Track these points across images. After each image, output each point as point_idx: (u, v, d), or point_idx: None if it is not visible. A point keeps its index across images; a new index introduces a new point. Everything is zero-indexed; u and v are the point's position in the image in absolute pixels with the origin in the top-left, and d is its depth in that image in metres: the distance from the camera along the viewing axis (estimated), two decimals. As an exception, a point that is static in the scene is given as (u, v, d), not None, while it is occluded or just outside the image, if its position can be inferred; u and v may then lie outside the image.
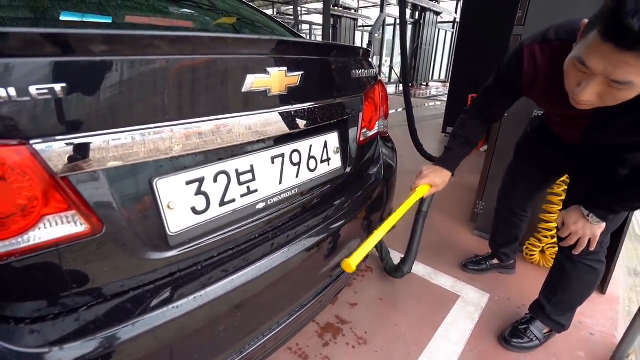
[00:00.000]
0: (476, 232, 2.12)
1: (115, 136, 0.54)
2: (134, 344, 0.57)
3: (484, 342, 1.34)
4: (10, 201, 0.47)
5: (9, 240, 0.48)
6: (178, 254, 0.66)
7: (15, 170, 0.47)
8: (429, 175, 1.18)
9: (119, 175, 0.57)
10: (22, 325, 0.51)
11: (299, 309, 0.92)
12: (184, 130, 0.61)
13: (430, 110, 7.10)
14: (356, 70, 1.06)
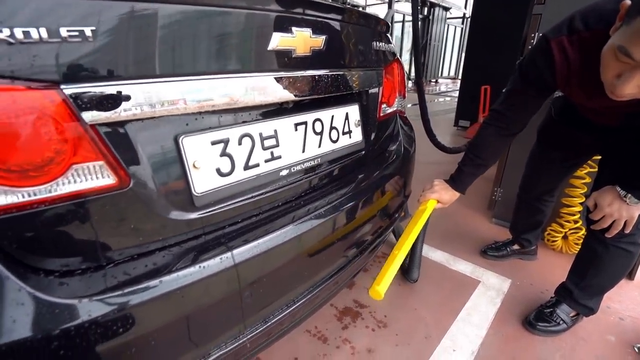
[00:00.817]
0: (494, 220, 2.07)
1: (144, 87, 0.52)
2: (156, 304, 0.55)
3: (507, 325, 1.30)
4: (39, 148, 0.46)
5: (39, 188, 0.47)
6: (203, 215, 0.64)
7: (45, 116, 0.46)
8: (439, 192, 1.15)
9: (146, 129, 0.56)
10: (51, 277, 0.50)
11: (317, 285, 0.89)
12: (211, 84, 0.59)
13: (440, 106, 7.02)
14: (377, 42, 1.03)
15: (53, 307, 0.47)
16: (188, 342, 0.63)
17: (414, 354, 1.17)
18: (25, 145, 0.45)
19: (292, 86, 0.73)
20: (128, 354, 0.55)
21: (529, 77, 0.99)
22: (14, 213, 0.46)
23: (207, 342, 0.67)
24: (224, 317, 0.68)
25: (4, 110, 0.43)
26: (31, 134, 0.45)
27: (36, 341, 0.45)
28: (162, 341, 0.59)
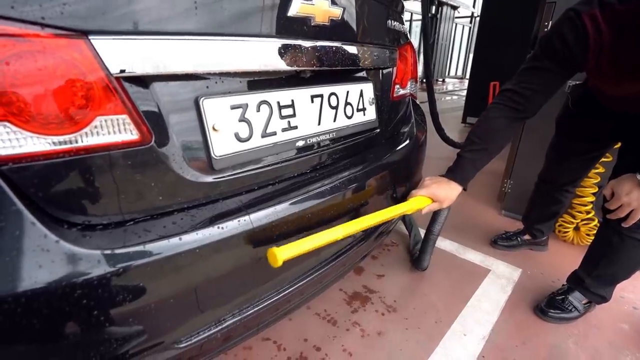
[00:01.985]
0: (504, 212, 2.05)
1: (170, 42, 0.53)
2: (173, 262, 0.56)
3: (518, 313, 1.29)
4: (66, 97, 0.46)
5: (64, 137, 0.47)
6: (221, 179, 0.65)
7: (72, 65, 0.46)
8: (430, 187, 0.98)
9: (168, 87, 0.56)
10: (74, 229, 0.50)
11: (325, 262, 0.89)
12: (233, 46, 0.60)
13: (448, 104, 6.98)
14: (392, 21, 1.03)
15: (76, 256, 0.48)
16: (202, 304, 0.64)
17: (425, 337, 1.17)
18: (53, 93, 0.45)
19: (310, 55, 0.73)
20: (144, 309, 0.55)
21: (554, 53, 0.90)
22: (40, 161, 0.46)
23: (221, 305, 0.67)
24: (238, 282, 0.69)
25: (33, 57, 0.43)
26: (58, 82, 0.46)
27: (59, 287, 0.46)
28: (177, 300, 0.59)
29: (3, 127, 0.43)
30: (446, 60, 11.97)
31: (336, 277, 1.10)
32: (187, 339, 0.64)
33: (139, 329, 0.56)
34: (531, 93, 0.96)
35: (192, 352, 0.69)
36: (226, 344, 0.81)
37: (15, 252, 0.44)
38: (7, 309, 0.43)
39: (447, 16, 10.90)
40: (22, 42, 0.43)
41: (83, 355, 0.52)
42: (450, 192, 1.00)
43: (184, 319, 0.62)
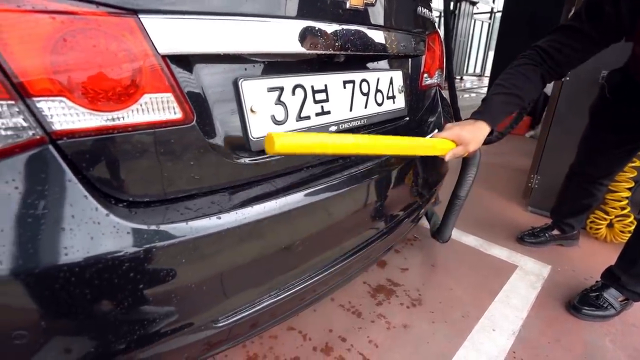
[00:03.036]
0: (530, 208, 1.99)
1: (214, 23, 0.54)
2: (210, 240, 0.57)
3: (550, 309, 1.25)
4: (117, 73, 0.48)
5: (113, 114, 0.48)
6: (257, 161, 0.65)
7: (123, 43, 0.47)
8: (453, 128, 0.87)
9: (210, 68, 0.57)
10: (120, 205, 0.52)
11: (350, 252, 0.88)
12: (270, 27, 0.60)
13: (466, 102, 6.84)
14: (422, 8, 1.02)
15: (124, 230, 0.49)
16: (238, 284, 0.64)
17: (452, 331, 1.15)
18: (105, 70, 0.47)
19: (344, 39, 0.73)
20: (185, 284, 0.56)
21: (600, 15, 0.84)
22: (91, 137, 0.48)
23: (254, 287, 0.68)
24: (270, 264, 0.69)
25: (88, 34, 0.45)
26: (110, 59, 0.47)
27: (109, 259, 0.47)
28: (216, 278, 0.60)
29: (59, 103, 0.45)
30: (464, 58, 11.73)
31: (360, 269, 1.09)
32: (224, 319, 0.64)
33: (179, 305, 0.57)
34: (561, 56, 0.90)
35: (221, 336, 0.70)
36: (253, 331, 0.81)
37: (69, 223, 0.45)
38: (62, 277, 0.45)
39: (466, 12, 10.68)
40: (78, 19, 0.44)
41: (127, 329, 0.53)
42: (477, 132, 0.88)
43: (221, 297, 0.63)
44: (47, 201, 0.45)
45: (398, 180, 0.96)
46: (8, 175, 0.43)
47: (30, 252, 0.43)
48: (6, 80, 0.41)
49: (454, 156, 0.89)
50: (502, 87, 0.93)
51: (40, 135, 0.44)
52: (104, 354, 0.53)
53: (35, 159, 0.45)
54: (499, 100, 0.92)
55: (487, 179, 2.40)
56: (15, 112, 0.43)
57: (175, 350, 0.64)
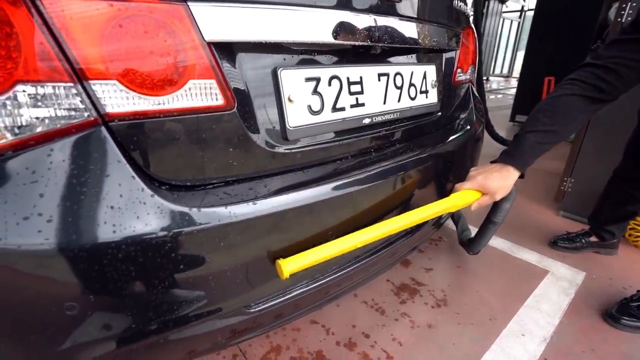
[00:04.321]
0: (562, 212, 1.91)
1: (257, 11, 0.54)
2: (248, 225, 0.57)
3: (584, 317, 1.19)
4: (166, 59, 0.49)
5: (161, 99, 0.50)
6: (293, 150, 0.66)
7: (172, 29, 0.49)
8: (476, 178, 0.82)
9: (250, 57, 0.58)
10: (164, 187, 0.53)
11: (376, 248, 0.87)
12: (309, 16, 0.60)
13: (493, 102, 6.64)
14: (458, 1, 1.00)
15: (168, 211, 0.51)
16: (271, 270, 0.65)
17: (479, 334, 1.11)
18: (155, 55, 0.48)
19: (381, 31, 0.72)
20: (222, 267, 0.57)
21: None
22: (140, 120, 0.49)
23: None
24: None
25: (141, 21, 0.46)
26: (160, 45, 0.48)
27: (153, 238, 0.49)
28: (250, 263, 0.61)
29: (112, 86, 0.47)
30: (491, 58, 11.39)
31: (385, 266, 1.08)
32: (256, 305, 0.65)
33: (215, 288, 0.58)
34: (624, 70, 0.77)
35: (247, 324, 0.71)
36: (276, 322, 0.82)
37: (117, 201, 0.47)
38: (110, 254, 0.47)
39: (494, 11, 10.36)
40: (132, 6, 0.46)
41: (164, 308, 0.55)
42: (504, 180, 0.82)
43: (254, 283, 0.64)
44: (99, 180, 0.47)
45: (426, 179, 0.94)
46: (64, 154, 0.45)
47: (82, 228, 0.45)
48: (67, 64, 0.43)
49: (480, 206, 0.85)
50: (540, 122, 0.83)
51: (94, 116, 0.47)
52: (141, 331, 0.55)
53: (89, 139, 0.47)
54: (534, 140, 0.83)
55: (517, 181, 2.32)
56: (73, 94, 0.45)
57: (205, 334, 0.66)
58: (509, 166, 0.83)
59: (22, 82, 0.42)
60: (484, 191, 0.83)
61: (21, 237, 0.43)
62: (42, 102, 0.44)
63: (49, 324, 0.49)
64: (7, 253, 0.43)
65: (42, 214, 0.44)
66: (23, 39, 0.41)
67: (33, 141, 0.44)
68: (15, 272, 0.44)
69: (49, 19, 0.41)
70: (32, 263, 0.44)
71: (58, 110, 0.45)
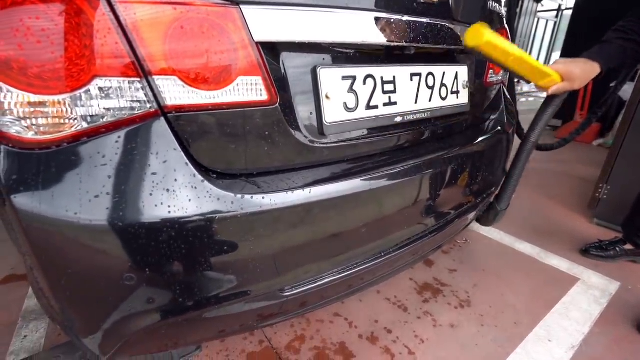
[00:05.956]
0: (596, 220, 1.84)
1: (300, 13, 0.58)
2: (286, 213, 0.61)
3: (617, 327, 1.15)
4: (219, 57, 0.54)
5: (213, 93, 0.55)
6: (328, 145, 0.69)
7: (226, 30, 0.53)
8: (565, 63, 0.87)
9: (292, 55, 0.62)
10: (211, 175, 0.58)
11: (402, 244, 0.88)
12: (348, 18, 0.64)
13: (524, 105, 6.41)
14: (492, 2, 1.00)
15: (216, 196, 0.55)
16: (304, 257, 0.69)
17: (503, 336, 1.11)
18: (211, 54, 0.53)
19: (416, 32, 0.74)
20: (263, 251, 0.61)
21: None
22: (193, 112, 0.54)
23: (317, 262, 0.72)
24: (327, 244, 0.72)
25: (199, 22, 0.51)
26: (215, 44, 0.53)
27: (203, 219, 0.54)
28: (287, 249, 0.65)
29: (172, 81, 0.52)
30: (524, 60, 10.95)
31: (408, 264, 1.09)
32: (290, 289, 0.69)
33: (253, 270, 0.62)
34: None
35: (273, 309, 0.75)
36: (300, 310, 0.86)
37: (173, 185, 0.53)
38: (165, 232, 0.52)
39: (529, 10, 9.97)
40: (193, 9, 0.51)
41: (206, 286, 0.60)
42: (587, 72, 0.88)
43: (289, 268, 0.68)
44: (157, 165, 0.52)
45: (454, 177, 0.95)
46: (129, 141, 0.51)
47: (142, 207, 0.51)
48: (136, 61, 0.49)
49: (558, 91, 0.89)
50: (621, 32, 0.90)
51: (155, 108, 0.52)
52: (183, 306, 0.60)
53: (150, 128, 0.52)
54: (618, 44, 0.90)
55: (548, 186, 2.25)
56: (139, 87, 0.50)
57: (236, 315, 0.70)
58: (594, 62, 0.88)
59: (98, 76, 0.48)
60: (567, 77, 0.87)
61: (92, 214, 0.49)
62: (113, 94, 0.50)
63: (110, 292, 0.55)
64: (80, 227, 0.49)
65: (110, 193, 0.50)
66: (101, 38, 0.47)
67: (104, 129, 0.50)
68: (85, 244, 0.51)
69: (123, 21, 0.47)
70: (100, 237, 0.50)
71: (125, 102, 0.50)
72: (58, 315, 0.59)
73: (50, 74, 0.46)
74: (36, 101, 0.47)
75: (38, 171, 0.48)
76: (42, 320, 1.11)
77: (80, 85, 0.48)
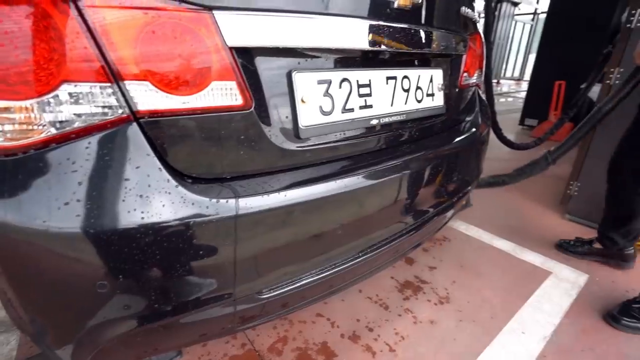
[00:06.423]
0: (568, 215, 1.92)
1: (274, 19, 0.59)
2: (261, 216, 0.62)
3: (585, 318, 1.21)
4: (193, 62, 0.54)
5: (186, 98, 0.55)
6: (304, 148, 0.70)
7: (199, 35, 0.53)
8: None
9: (267, 60, 0.63)
10: (186, 180, 0.58)
11: (380, 243, 0.90)
12: (323, 24, 0.65)
13: (503, 106, 6.60)
14: (465, 8, 1.03)
15: (190, 201, 0.55)
16: (279, 260, 0.69)
17: (480, 330, 1.15)
18: (183, 58, 0.53)
19: (390, 37, 0.76)
20: (239, 254, 0.62)
21: None
22: (167, 117, 0.54)
23: (293, 264, 0.72)
24: (307, 245, 0.73)
25: (171, 27, 0.51)
26: (188, 49, 0.53)
27: (178, 224, 0.54)
28: (262, 252, 0.66)
29: (144, 86, 0.51)
30: (502, 61, 11.29)
31: (388, 262, 1.11)
32: (269, 291, 0.70)
33: (229, 274, 0.63)
34: None
35: (255, 311, 0.75)
36: (282, 311, 0.87)
37: (146, 190, 0.52)
38: (138, 238, 0.52)
39: (506, 13, 10.27)
40: (164, 14, 0.51)
41: (182, 291, 0.60)
42: None
43: (261, 271, 0.68)
44: (130, 171, 0.52)
45: (430, 178, 0.97)
46: (101, 147, 0.50)
47: (114, 213, 0.50)
48: (106, 66, 0.48)
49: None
50: None
51: (127, 113, 0.52)
52: (160, 312, 0.60)
53: (122, 134, 0.52)
54: None
55: (524, 184, 2.32)
56: (110, 92, 0.50)
57: (217, 318, 0.70)
58: None
59: (67, 81, 0.47)
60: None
61: (62, 221, 0.48)
62: (83, 100, 0.49)
63: (82, 300, 0.54)
64: (49, 234, 0.48)
65: (80, 200, 0.49)
66: (69, 43, 0.46)
67: (74, 135, 0.49)
68: (55, 252, 0.50)
69: (92, 25, 0.46)
70: (70, 244, 0.49)
71: (96, 107, 0.50)
72: (28, 326, 0.58)
73: (16, 79, 0.46)
74: (2, 107, 0.46)
75: (3, 178, 0.47)
76: (12, 332, 1.07)
77: (48, 90, 0.47)
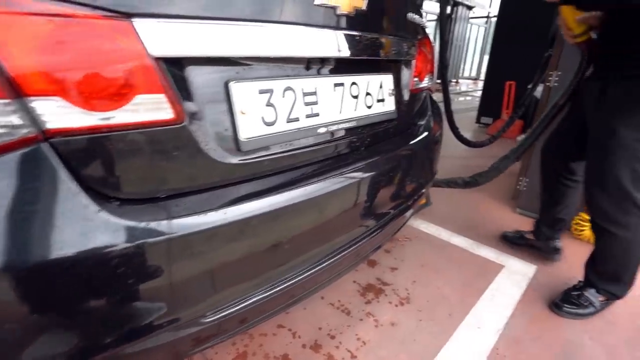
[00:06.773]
0: (518, 209, 2.04)
1: (205, 27, 0.55)
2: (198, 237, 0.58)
3: (534, 308, 1.28)
4: (110, 75, 0.49)
5: (106, 114, 0.50)
6: (246, 161, 0.67)
7: (117, 45, 0.49)
8: None
9: (201, 71, 0.59)
10: (111, 202, 0.53)
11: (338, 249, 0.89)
12: (261, 31, 0.62)
13: (461, 104, 6.92)
14: (411, 14, 1.04)
15: (115, 227, 0.51)
16: (224, 280, 0.66)
17: (438, 328, 1.17)
18: (99, 71, 0.48)
19: (334, 44, 0.75)
20: (174, 280, 0.58)
21: None
22: (84, 135, 0.49)
23: (241, 284, 0.69)
24: (257, 262, 0.71)
25: (84, 37, 0.47)
26: (104, 61, 0.49)
27: (99, 254, 0.49)
28: (203, 275, 0.62)
29: (54, 102, 0.46)
30: (460, 61, 11.82)
31: (349, 267, 1.11)
32: (212, 314, 0.66)
33: (168, 300, 0.58)
34: None
35: (210, 331, 0.71)
36: (242, 326, 0.83)
37: (61, 219, 0.47)
38: (53, 272, 0.46)
39: (462, 16, 10.76)
40: (74, 22, 0.46)
41: (116, 323, 0.55)
42: None
43: (209, 293, 0.65)
44: (40, 198, 0.46)
45: (386, 181, 0.98)
46: (4, 172, 0.44)
47: (22, 247, 0.45)
48: (3, 79, 0.43)
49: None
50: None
51: (35, 133, 0.46)
52: (94, 346, 0.55)
53: (29, 156, 0.46)
54: None
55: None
56: (10, 110, 0.44)
57: (164, 345, 0.66)
58: None
59: (-47, 100, 0.41)
60: None
61: (-41, 258, 0.42)
62: (-23, 119, 0.43)
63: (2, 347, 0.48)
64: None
65: (-19, 233, 0.43)
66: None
67: (-31, 160, 0.43)
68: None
69: (-18, 36, 0.41)
70: (-30, 284, 0.43)
71: (-5, 127, 0.44)
72: None
73: None
74: None
75: None
76: None
77: None
